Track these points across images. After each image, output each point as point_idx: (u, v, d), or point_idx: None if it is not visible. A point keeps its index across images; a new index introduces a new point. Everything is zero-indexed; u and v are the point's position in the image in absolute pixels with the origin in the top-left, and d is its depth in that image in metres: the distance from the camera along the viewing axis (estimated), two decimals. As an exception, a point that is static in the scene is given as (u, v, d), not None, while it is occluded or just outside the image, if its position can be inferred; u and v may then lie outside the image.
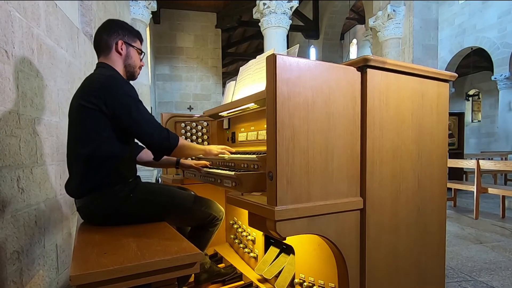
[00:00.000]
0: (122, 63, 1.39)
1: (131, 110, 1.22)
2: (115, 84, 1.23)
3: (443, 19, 9.98)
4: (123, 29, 1.40)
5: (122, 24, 1.42)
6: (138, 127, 1.23)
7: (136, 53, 1.43)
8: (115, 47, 1.36)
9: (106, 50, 1.37)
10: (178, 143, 1.30)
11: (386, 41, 5.74)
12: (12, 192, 1.35)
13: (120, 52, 1.37)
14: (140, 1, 5.35)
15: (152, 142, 1.26)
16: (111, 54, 1.37)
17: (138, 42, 1.45)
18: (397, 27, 5.57)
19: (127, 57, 1.39)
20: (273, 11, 5.84)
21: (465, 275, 2.12)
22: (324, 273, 1.27)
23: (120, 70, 1.38)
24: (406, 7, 5.50)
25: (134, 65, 1.43)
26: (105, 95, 1.20)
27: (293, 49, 1.41)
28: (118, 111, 1.21)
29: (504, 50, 8.78)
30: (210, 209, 1.46)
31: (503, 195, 3.74)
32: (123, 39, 1.38)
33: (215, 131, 2.20)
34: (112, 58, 1.37)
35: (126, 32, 1.40)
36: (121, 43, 1.37)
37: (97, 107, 1.19)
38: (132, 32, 1.43)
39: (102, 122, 1.22)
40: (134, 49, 1.41)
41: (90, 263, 0.90)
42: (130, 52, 1.40)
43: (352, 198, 1.06)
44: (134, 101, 1.24)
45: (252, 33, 10.47)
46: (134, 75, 1.45)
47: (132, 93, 1.25)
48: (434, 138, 1.28)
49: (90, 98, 1.20)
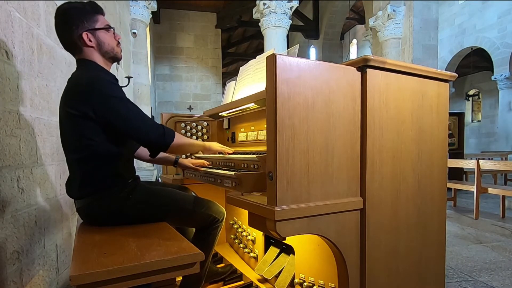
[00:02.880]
0: (98, 53, 1.27)
1: (120, 112, 1.16)
2: (97, 88, 1.16)
3: (443, 19, 9.98)
4: (78, 16, 1.22)
5: (74, 10, 1.23)
6: (131, 127, 1.18)
7: (105, 34, 1.28)
8: (82, 42, 1.23)
9: (75, 48, 1.25)
10: (174, 140, 1.25)
11: (386, 41, 5.74)
12: (12, 192, 1.35)
13: (90, 45, 1.24)
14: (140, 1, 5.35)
15: (147, 140, 1.22)
16: (83, 50, 1.25)
17: (100, 18, 1.28)
18: (397, 27, 5.57)
19: (99, 45, 1.26)
20: (273, 11, 5.84)
21: (465, 275, 2.12)
22: (324, 273, 1.27)
23: (100, 61, 1.28)
24: (406, 7, 5.50)
25: (111, 47, 1.30)
26: (91, 102, 1.14)
27: (293, 49, 1.41)
28: (107, 115, 1.16)
29: (504, 50, 8.78)
30: (210, 211, 1.45)
31: (503, 195, 3.74)
32: (85, 29, 1.22)
33: (215, 131, 2.20)
34: (86, 53, 1.26)
35: (82, 17, 1.23)
36: (85, 35, 1.22)
37: (84, 114, 1.15)
38: (88, 11, 1.25)
39: (93, 128, 1.18)
40: (101, 30, 1.26)
41: (90, 263, 0.90)
42: (99, 38, 1.26)
43: (352, 198, 1.06)
44: (121, 101, 1.17)
45: (252, 33, 10.47)
46: (117, 55, 1.34)
47: (116, 93, 1.18)
48: (434, 138, 1.28)
49: (76, 105, 1.15)
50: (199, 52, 8.88)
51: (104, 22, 1.29)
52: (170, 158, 1.65)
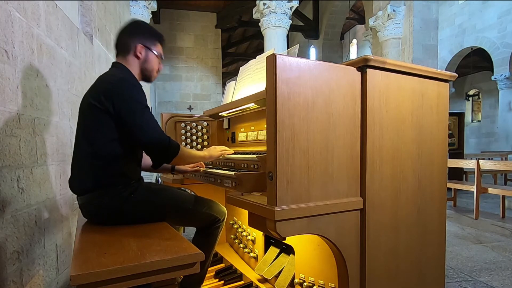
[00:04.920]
0: (139, 67, 1.38)
1: (136, 116, 1.21)
2: (124, 88, 1.23)
3: (443, 19, 9.98)
4: (145, 32, 1.38)
5: (145, 27, 1.41)
6: (140, 133, 1.22)
7: (155, 58, 1.41)
8: (133, 50, 1.35)
9: (124, 52, 1.36)
10: (178, 152, 1.28)
11: (386, 41, 5.74)
12: (12, 192, 1.35)
13: (138, 56, 1.36)
14: (140, 1, 5.36)
15: (153, 150, 1.25)
16: (129, 56, 1.36)
17: (159, 46, 1.43)
18: (397, 27, 5.57)
19: (144, 61, 1.38)
20: (273, 11, 5.84)
21: (465, 275, 2.12)
22: (324, 273, 1.27)
23: (135, 73, 1.37)
24: (406, 7, 5.50)
25: (152, 69, 1.41)
26: (113, 97, 1.20)
27: (293, 49, 1.41)
28: (123, 114, 1.20)
29: (504, 50, 8.78)
30: (211, 210, 1.45)
31: (503, 195, 3.74)
32: (143, 43, 1.36)
33: (215, 131, 2.21)
34: (129, 60, 1.36)
35: (147, 35, 1.38)
36: (140, 47, 1.35)
37: (105, 108, 1.20)
38: (155, 35, 1.41)
39: (109, 124, 1.22)
40: (154, 53, 1.39)
41: (90, 263, 0.90)
42: (148, 57, 1.38)
43: (352, 198, 1.06)
44: (140, 106, 1.23)
45: (252, 33, 10.46)
46: (151, 78, 1.44)
47: (140, 99, 1.24)
48: (434, 138, 1.28)
49: (100, 98, 1.21)
50: (199, 52, 8.87)
51: (160, 51, 1.43)
52: (167, 166, 1.65)
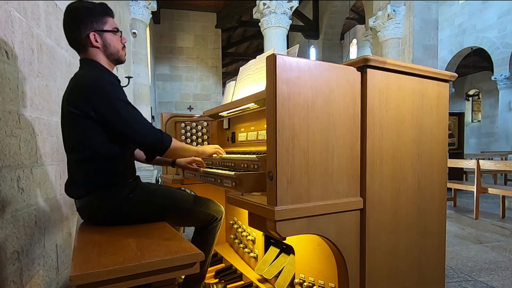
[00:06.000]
0: (103, 54, 1.28)
1: (121, 113, 1.17)
2: (100, 88, 1.17)
3: (443, 19, 9.98)
4: (88, 16, 1.23)
5: (84, 9, 1.23)
6: (129, 130, 1.19)
7: (112, 36, 1.29)
8: (89, 42, 1.24)
9: (81, 47, 1.26)
10: (171, 145, 1.27)
11: (386, 41, 5.74)
12: (12, 192, 1.35)
13: (96, 45, 1.25)
14: (140, 1, 5.35)
15: (144, 144, 1.23)
16: (89, 49, 1.26)
17: (109, 20, 1.29)
18: (397, 27, 5.57)
19: (105, 47, 1.27)
20: (273, 11, 5.84)
21: (465, 275, 2.12)
22: (324, 273, 1.27)
23: (104, 62, 1.29)
24: (406, 7, 5.50)
25: (116, 50, 1.31)
26: (92, 101, 1.15)
27: (293, 49, 1.41)
28: (107, 115, 1.16)
29: (504, 50, 8.78)
30: (209, 209, 1.45)
31: (503, 195, 3.74)
32: (93, 29, 1.23)
33: (215, 131, 2.21)
34: (91, 53, 1.26)
35: (92, 17, 1.23)
36: (93, 35, 1.23)
37: (85, 114, 1.15)
38: (98, 12, 1.26)
39: (94, 128, 1.18)
40: (109, 32, 1.27)
41: (90, 263, 0.90)
42: (106, 40, 1.27)
43: (352, 198, 1.06)
44: (122, 103, 1.18)
45: (252, 33, 10.47)
46: (121, 58, 1.34)
47: (118, 95, 1.19)
48: (434, 138, 1.28)
49: (78, 104, 1.16)
50: (199, 52, 8.87)
51: (112, 25, 1.30)
52: (167, 159, 1.65)
